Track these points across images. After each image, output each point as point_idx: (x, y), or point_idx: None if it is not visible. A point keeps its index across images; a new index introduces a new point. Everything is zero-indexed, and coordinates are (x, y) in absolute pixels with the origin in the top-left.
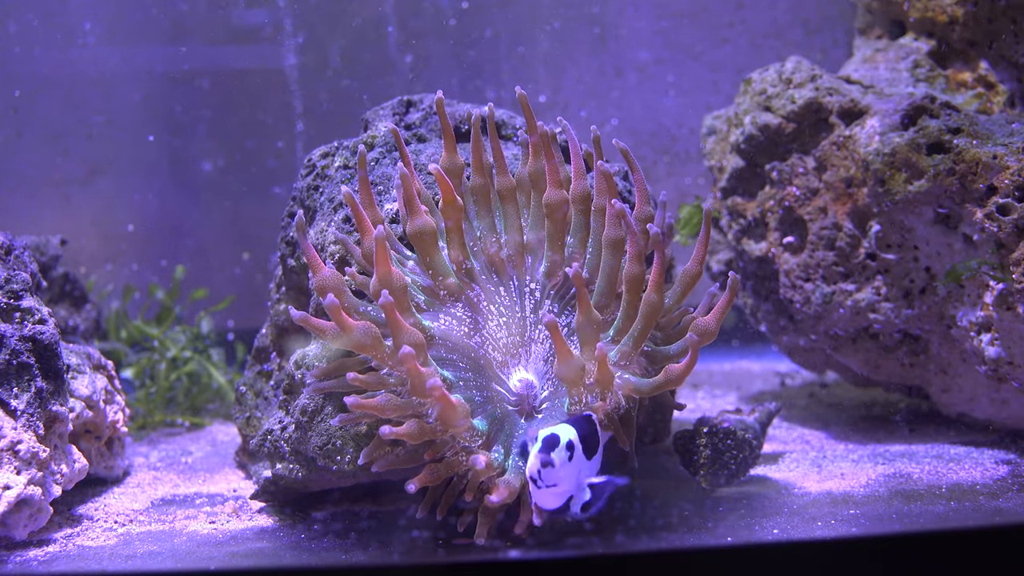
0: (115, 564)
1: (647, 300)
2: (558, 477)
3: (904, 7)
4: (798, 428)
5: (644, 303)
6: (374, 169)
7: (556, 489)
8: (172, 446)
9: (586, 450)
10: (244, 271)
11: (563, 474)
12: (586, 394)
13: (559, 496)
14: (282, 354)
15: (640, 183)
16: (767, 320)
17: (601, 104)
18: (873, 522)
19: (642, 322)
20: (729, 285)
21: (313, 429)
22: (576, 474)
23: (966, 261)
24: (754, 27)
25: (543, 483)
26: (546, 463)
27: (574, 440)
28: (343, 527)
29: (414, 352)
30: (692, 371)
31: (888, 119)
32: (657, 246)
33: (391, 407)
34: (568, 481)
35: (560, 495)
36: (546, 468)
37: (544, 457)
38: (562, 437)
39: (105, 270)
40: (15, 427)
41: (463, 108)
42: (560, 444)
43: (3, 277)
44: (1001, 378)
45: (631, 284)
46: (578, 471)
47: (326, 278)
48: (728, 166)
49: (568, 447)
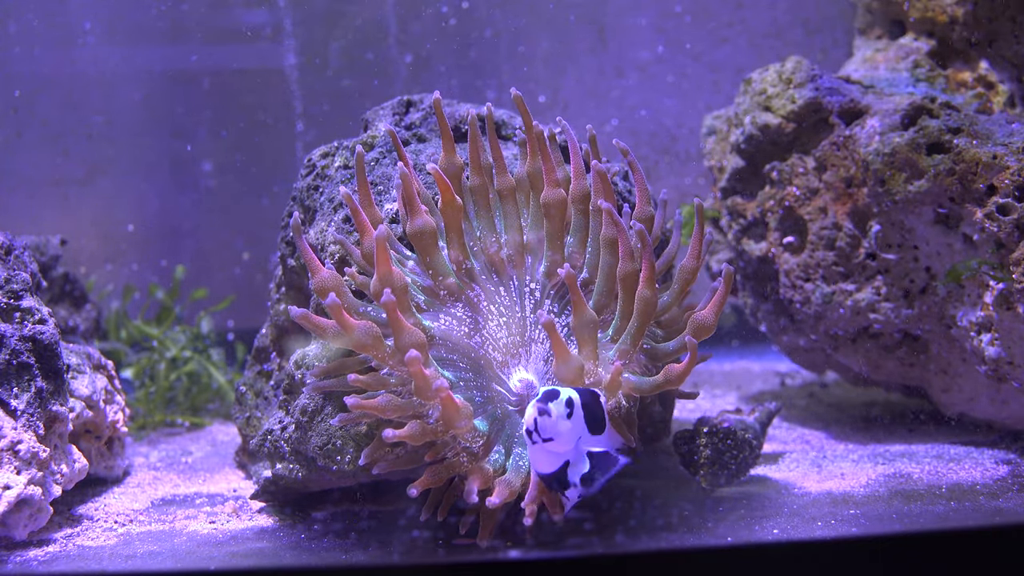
0: (115, 564)
1: (640, 296)
2: (555, 430)
3: (904, 7)
4: (798, 428)
5: (638, 300)
6: (374, 169)
7: (552, 445)
8: (172, 446)
9: (589, 419)
10: (244, 271)
11: (560, 428)
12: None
13: (555, 456)
14: (282, 354)
15: (640, 183)
16: (767, 320)
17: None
18: (873, 522)
19: (638, 319)
20: (723, 277)
21: (313, 429)
22: (574, 437)
23: (966, 261)
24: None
25: (538, 436)
26: (543, 411)
27: (575, 400)
28: (343, 527)
29: (419, 355)
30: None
31: (888, 119)
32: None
33: (392, 407)
34: (565, 440)
35: (556, 455)
36: (542, 417)
37: (541, 406)
38: (563, 394)
39: (105, 270)
40: (15, 427)
41: (462, 108)
42: (560, 398)
43: (3, 277)
44: (1001, 378)
45: (624, 282)
46: (577, 435)
47: (325, 278)
48: (728, 166)
49: (568, 403)
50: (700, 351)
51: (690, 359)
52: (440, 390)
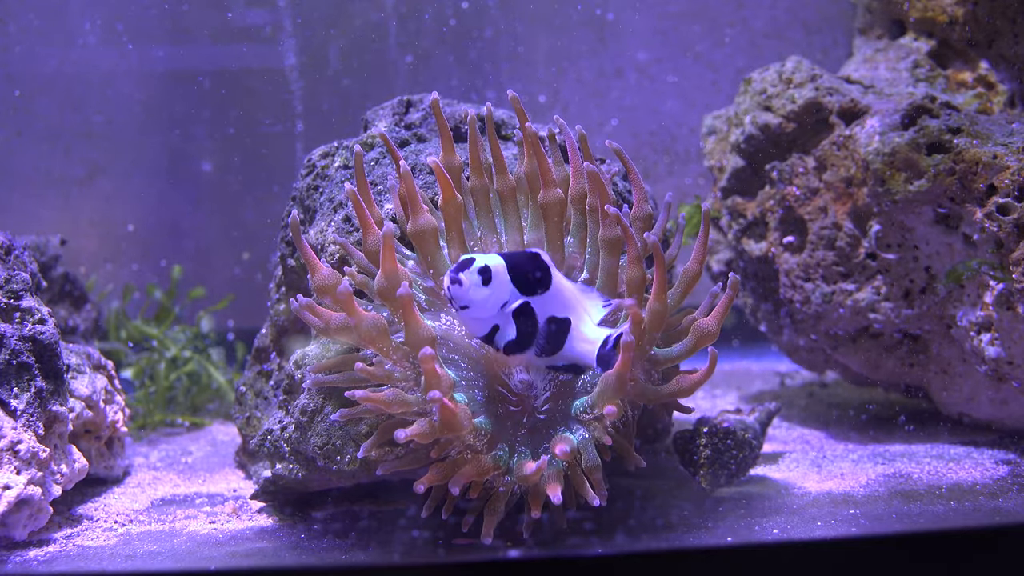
0: (115, 564)
1: (651, 308)
2: (468, 298)
3: (904, 7)
4: (798, 428)
5: (649, 311)
6: (374, 169)
7: (470, 313)
8: (172, 446)
9: (519, 281)
10: (244, 271)
11: (472, 296)
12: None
13: (480, 322)
14: (282, 354)
15: (637, 182)
16: (767, 320)
17: (601, 104)
18: (873, 522)
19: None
20: (729, 285)
21: (313, 429)
22: (494, 302)
23: (966, 261)
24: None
25: (455, 304)
26: (454, 280)
27: (493, 267)
28: (343, 527)
29: (433, 352)
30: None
31: (888, 119)
32: (657, 253)
33: (397, 402)
34: (480, 306)
35: (477, 320)
36: (453, 286)
37: (453, 275)
38: (478, 261)
39: (105, 270)
40: (15, 427)
41: (462, 108)
42: (472, 267)
43: (3, 277)
44: (1001, 378)
45: (632, 287)
46: (499, 301)
47: (325, 276)
48: (728, 166)
49: (481, 271)
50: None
51: (707, 369)
52: (436, 400)
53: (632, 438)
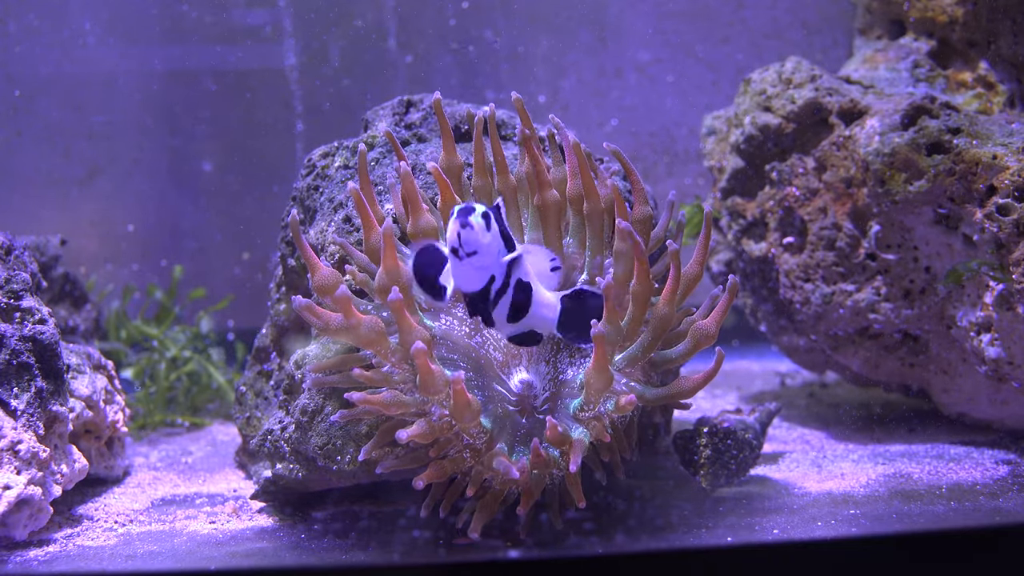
0: (115, 564)
1: (658, 314)
2: (478, 243)
3: (904, 7)
4: (798, 428)
5: (656, 316)
6: (374, 169)
7: (477, 260)
8: (172, 446)
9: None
10: (244, 271)
11: (482, 241)
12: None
13: (480, 271)
14: (282, 354)
15: (637, 184)
16: (767, 320)
17: (601, 104)
18: (873, 522)
19: (652, 334)
20: (728, 288)
21: (313, 429)
22: (495, 251)
23: (966, 262)
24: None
25: (463, 250)
26: (465, 224)
27: (491, 214)
28: (343, 527)
29: (425, 348)
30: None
31: (888, 119)
32: (675, 260)
33: (395, 403)
34: (487, 255)
35: (481, 269)
36: (465, 230)
37: (463, 220)
38: (477, 208)
39: (105, 270)
40: (15, 427)
41: (463, 108)
42: (476, 212)
43: (3, 277)
44: (1001, 378)
45: (636, 299)
46: (497, 251)
47: (325, 276)
48: (728, 166)
49: (484, 216)
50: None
51: (711, 370)
52: (457, 381)
53: (633, 438)
